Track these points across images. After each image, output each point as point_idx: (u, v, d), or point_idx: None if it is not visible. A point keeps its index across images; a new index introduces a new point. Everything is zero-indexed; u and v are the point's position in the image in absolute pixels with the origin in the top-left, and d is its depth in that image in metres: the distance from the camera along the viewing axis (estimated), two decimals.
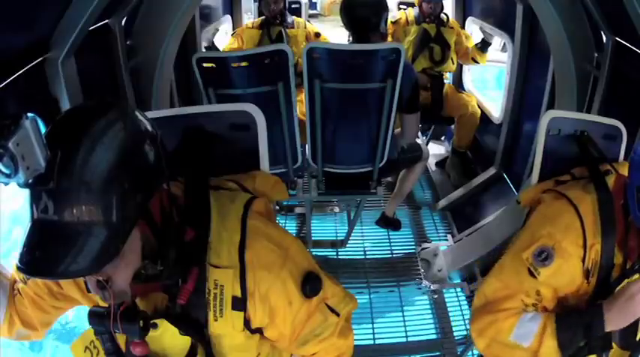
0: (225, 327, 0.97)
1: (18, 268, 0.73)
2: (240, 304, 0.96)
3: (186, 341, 0.96)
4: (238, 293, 0.95)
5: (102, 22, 1.83)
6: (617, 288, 1.09)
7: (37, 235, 0.73)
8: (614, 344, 1.13)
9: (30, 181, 0.69)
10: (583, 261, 1.11)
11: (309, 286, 1.01)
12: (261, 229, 1.01)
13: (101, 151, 0.74)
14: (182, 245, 0.92)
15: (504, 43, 3.61)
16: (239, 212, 1.00)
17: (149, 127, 0.84)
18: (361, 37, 2.24)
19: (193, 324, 0.95)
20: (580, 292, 1.15)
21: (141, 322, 0.87)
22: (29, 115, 0.67)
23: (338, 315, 1.07)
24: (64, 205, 0.72)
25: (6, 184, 0.68)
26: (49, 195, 0.71)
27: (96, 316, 0.88)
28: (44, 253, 0.72)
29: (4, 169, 0.65)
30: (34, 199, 0.73)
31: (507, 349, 1.14)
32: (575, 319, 1.10)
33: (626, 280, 1.09)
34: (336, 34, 3.73)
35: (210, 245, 0.95)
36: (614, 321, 1.05)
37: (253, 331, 1.02)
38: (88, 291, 1.01)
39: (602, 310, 1.06)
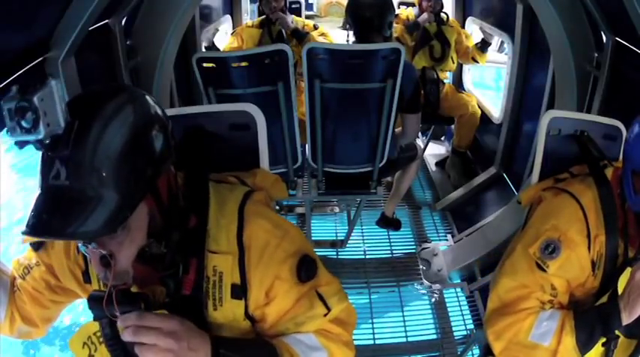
0: (225, 316, 0.96)
1: (24, 233, 0.73)
2: (240, 291, 0.95)
3: None
4: (238, 280, 0.95)
5: (102, 22, 1.83)
6: (621, 276, 1.08)
7: (47, 201, 0.75)
8: (620, 334, 1.13)
9: (47, 141, 0.71)
10: (588, 251, 1.12)
11: (305, 269, 0.98)
12: (260, 211, 1.01)
13: (116, 124, 0.77)
14: (186, 231, 0.93)
15: (500, 44, 3.61)
16: (238, 200, 1.00)
17: (159, 111, 0.87)
18: (363, 38, 2.25)
19: (192, 314, 0.94)
20: (587, 285, 1.16)
21: (142, 304, 0.86)
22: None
23: (328, 309, 0.99)
24: (77, 171, 0.73)
25: (21, 146, 0.71)
26: (62, 161, 0.73)
27: (96, 300, 0.86)
28: (53, 216, 0.73)
29: (25, 124, 0.68)
30: (47, 167, 0.74)
31: (527, 350, 1.13)
32: (593, 314, 1.09)
33: (628, 268, 1.08)
34: (332, 34, 3.74)
35: (208, 232, 0.95)
36: (628, 307, 1.03)
37: (253, 321, 1.01)
38: (85, 281, 1.02)
39: (617, 303, 1.05)
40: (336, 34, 3.80)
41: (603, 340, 1.11)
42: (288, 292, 0.98)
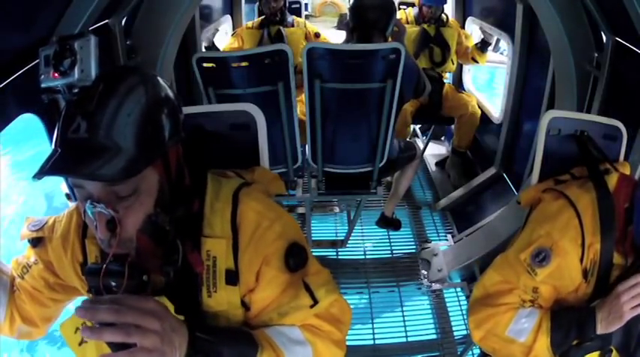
0: (220, 303, 0.95)
1: (35, 176, 0.75)
2: (234, 277, 0.94)
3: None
4: (232, 266, 0.94)
5: (102, 22, 1.83)
6: None
7: (64, 150, 0.78)
8: (615, 352, 1.14)
9: (75, 90, 0.76)
10: (581, 260, 1.12)
11: (293, 257, 0.96)
12: (254, 194, 1.01)
13: (139, 90, 0.83)
14: (190, 212, 0.94)
15: (496, 42, 3.61)
16: (233, 187, 1.01)
17: (171, 93, 0.92)
18: (365, 38, 2.24)
19: (188, 303, 0.93)
20: (579, 292, 1.16)
21: (144, 277, 0.86)
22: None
23: (315, 300, 0.95)
24: (98, 125, 0.78)
25: (48, 96, 0.78)
26: (83, 116, 0.78)
27: (94, 273, 0.86)
28: (70, 160, 0.76)
29: (61, 68, 0.78)
30: (67, 123, 0.79)
31: (503, 343, 1.16)
32: (569, 318, 1.11)
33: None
34: (327, 34, 3.74)
35: (204, 217, 0.96)
36: (605, 322, 1.06)
37: (249, 309, 1.00)
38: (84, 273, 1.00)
39: (594, 310, 1.08)
40: (330, 34, 3.81)
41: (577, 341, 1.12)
42: (274, 280, 0.96)
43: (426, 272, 2.91)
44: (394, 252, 3.18)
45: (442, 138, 4.39)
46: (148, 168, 0.83)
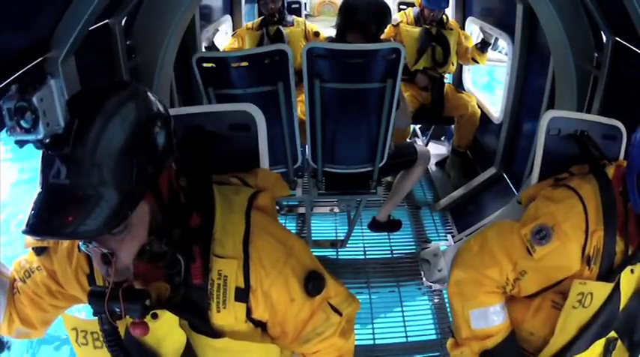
0: (227, 318, 0.97)
1: (24, 232, 0.73)
2: (243, 295, 0.96)
3: (181, 337, 0.96)
4: (242, 284, 0.96)
5: (102, 22, 1.83)
6: (622, 274, 1.10)
7: (47, 200, 0.75)
8: (619, 343, 1.14)
9: (47, 140, 0.70)
10: (583, 248, 1.13)
11: (312, 284, 1.02)
12: (265, 225, 1.02)
13: (117, 121, 0.76)
14: (188, 229, 0.94)
15: (495, 41, 3.61)
16: (243, 206, 1.01)
17: (160, 107, 0.86)
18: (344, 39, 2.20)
19: (195, 314, 0.96)
20: (582, 279, 1.16)
21: (147, 301, 0.87)
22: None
23: (340, 314, 1.08)
24: (77, 169, 0.74)
25: (21, 146, 0.70)
26: (62, 160, 0.73)
27: (96, 296, 0.88)
28: (53, 215, 0.73)
29: (24, 124, 0.67)
30: (47, 165, 0.75)
31: (461, 314, 1.26)
32: None
33: (628, 267, 1.11)
34: (326, 34, 3.74)
35: (214, 236, 0.96)
36: None
37: (256, 324, 1.02)
38: (90, 285, 1.01)
39: None
40: (330, 34, 3.80)
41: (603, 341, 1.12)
42: (301, 309, 1.03)
43: (424, 272, 2.91)
44: (394, 252, 3.18)
45: (442, 138, 4.39)
46: None
